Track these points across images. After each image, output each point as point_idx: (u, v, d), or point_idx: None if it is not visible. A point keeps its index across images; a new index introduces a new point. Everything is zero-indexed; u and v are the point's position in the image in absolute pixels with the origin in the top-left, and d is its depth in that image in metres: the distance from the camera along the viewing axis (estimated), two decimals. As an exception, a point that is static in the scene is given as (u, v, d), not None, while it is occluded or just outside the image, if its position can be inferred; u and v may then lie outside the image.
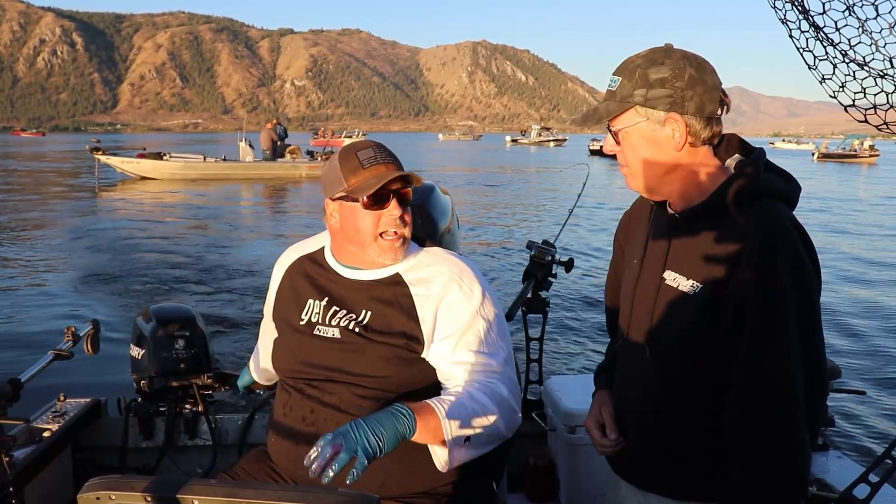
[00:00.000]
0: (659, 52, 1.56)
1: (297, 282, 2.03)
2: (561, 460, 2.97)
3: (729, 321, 1.48)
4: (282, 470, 1.98)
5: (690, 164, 1.58)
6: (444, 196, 2.75)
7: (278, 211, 21.84)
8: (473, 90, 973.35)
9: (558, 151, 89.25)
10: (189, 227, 16.85)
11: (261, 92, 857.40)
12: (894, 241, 17.36)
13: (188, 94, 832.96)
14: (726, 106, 1.57)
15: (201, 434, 2.94)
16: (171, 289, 10.27)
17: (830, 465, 2.33)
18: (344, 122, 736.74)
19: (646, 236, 1.74)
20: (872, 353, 8.04)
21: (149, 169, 28.65)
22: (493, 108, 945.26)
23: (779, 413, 1.44)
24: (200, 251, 13.51)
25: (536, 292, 3.02)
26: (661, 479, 1.67)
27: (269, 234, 16.54)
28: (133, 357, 2.86)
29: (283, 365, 2.02)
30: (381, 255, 1.88)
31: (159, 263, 12.10)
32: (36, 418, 2.74)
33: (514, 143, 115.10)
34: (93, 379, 5.38)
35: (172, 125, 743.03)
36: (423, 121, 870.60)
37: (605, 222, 17.64)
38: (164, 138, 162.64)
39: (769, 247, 1.45)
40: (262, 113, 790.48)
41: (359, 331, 1.88)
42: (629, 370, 1.76)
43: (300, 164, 29.77)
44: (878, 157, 65.73)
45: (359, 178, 1.84)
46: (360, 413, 1.78)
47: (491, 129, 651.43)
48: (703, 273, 1.53)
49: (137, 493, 1.15)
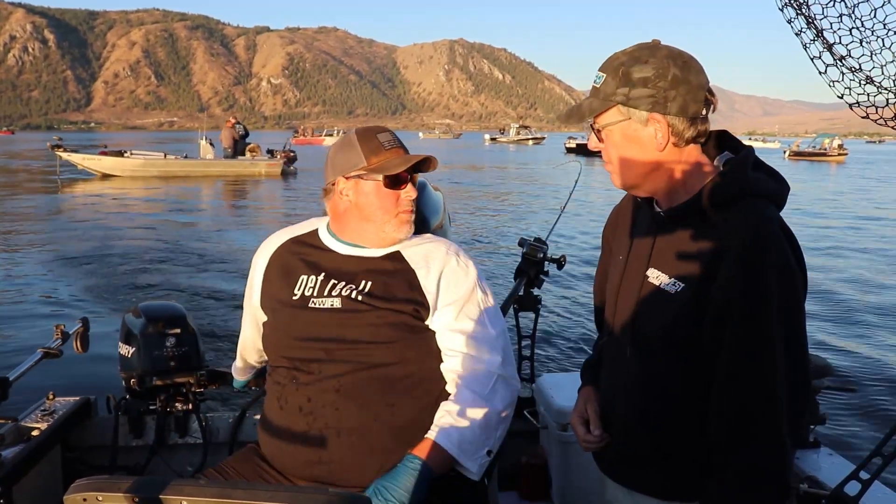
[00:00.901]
0: (644, 49, 1.54)
1: (287, 261, 2.03)
2: (553, 458, 2.97)
3: (712, 321, 1.47)
4: (277, 466, 1.95)
5: (675, 163, 1.57)
6: (435, 193, 2.76)
7: (240, 206, 22.21)
8: (450, 88, 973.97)
9: (537, 149, 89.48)
10: (153, 223, 17.07)
11: (237, 90, 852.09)
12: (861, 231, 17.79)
13: (163, 93, 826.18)
14: (712, 105, 1.56)
15: (192, 432, 2.93)
16: (137, 286, 10.28)
17: (822, 463, 2.33)
18: (321, 120, 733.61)
19: (631, 234, 1.74)
20: (863, 351, 7.99)
21: (110, 166, 28.94)
22: (471, 106, 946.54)
23: (762, 414, 1.43)
24: (168, 246, 13.63)
25: (528, 290, 3.02)
26: (646, 477, 1.67)
27: (235, 226, 16.95)
28: (122, 355, 2.84)
29: (276, 343, 1.98)
30: (398, 228, 1.95)
31: (127, 258, 12.20)
32: (24, 417, 2.72)
33: (492, 142, 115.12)
34: (78, 375, 5.39)
35: (148, 123, 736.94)
36: (400, 119, 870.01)
37: (585, 224, 17.90)
38: (138, 137, 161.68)
39: (754, 247, 1.43)
40: (239, 111, 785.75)
41: (361, 298, 1.89)
42: (614, 367, 1.76)
43: (259, 162, 30.42)
44: (846, 156, 66.93)
45: (381, 158, 1.91)
46: (361, 397, 1.83)
47: (468, 128, 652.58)
48: (686, 271, 1.52)
49: (125, 493, 1.15)
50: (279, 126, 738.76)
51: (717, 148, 1.63)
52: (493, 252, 13.87)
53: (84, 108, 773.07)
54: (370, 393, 1.83)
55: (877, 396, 6.61)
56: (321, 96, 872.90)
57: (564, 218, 3.33)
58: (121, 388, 2.89)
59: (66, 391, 2.96)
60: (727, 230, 1.47)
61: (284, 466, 1.93)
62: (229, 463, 2.06)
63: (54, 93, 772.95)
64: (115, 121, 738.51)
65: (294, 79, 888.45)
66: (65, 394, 2.93)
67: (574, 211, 18.75)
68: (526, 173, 40.22)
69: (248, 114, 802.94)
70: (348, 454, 1.81)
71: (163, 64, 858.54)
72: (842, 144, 70.07)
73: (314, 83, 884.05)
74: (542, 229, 3.32)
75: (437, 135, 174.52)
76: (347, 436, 1.82)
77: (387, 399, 1.84)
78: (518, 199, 25.45)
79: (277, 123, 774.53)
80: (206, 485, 1.20)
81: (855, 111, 1.64)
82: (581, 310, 9.10)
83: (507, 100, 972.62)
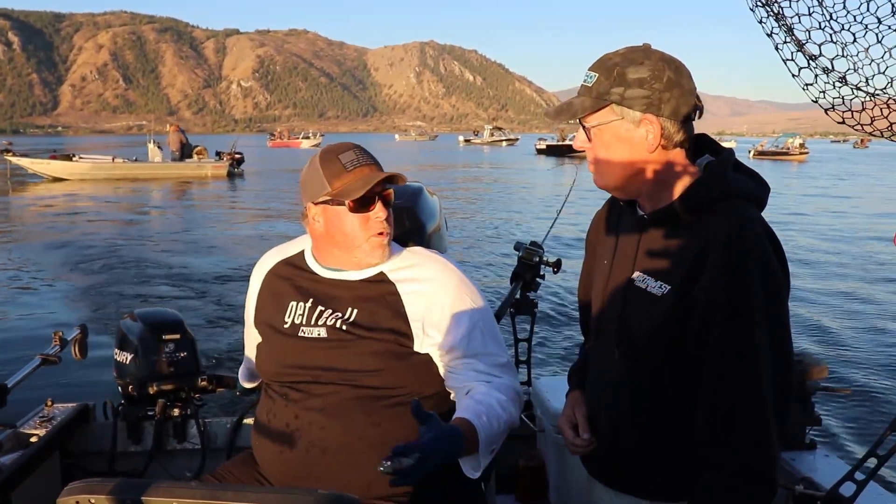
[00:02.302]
0: (638, 51, 1.55)
1: (277, 286, 2.02)
2: (550, 461, 2.97)
3: (698, 323, 1.48)
4: (267, 474, 1.97)
5: (661, 166, 1.57)
6: (431, 197, 2.78)
7: (188, 206, 23.37)
8: (421, 90, 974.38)
9: (511, 150, 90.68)
10: (108, 223, 17.98)
11: (207, 93, 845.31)
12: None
13: (132, 96, 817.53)
14: (700, 110, 1.57)
15: (190, 438, 2.94)
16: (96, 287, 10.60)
17: (817, 464, 2.34)
18: (292, 123, 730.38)
19: (615, 237, 1.73)
20: (858, 353, 8.17)
21: (59, 170, 30.10)
22: (442, 108, 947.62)
23: (749, 415, 1.45)
24: (116, 245, 14.33)
25: (525, 293, 3.04)
26: (634, 479, 1.68)
27: (180, 227, 17.83)
28: (119, 361, 2.84)
29: (267, 369, 2.00)
30: (370, 254, 1.88)
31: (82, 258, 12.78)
32: (23, 424, 2.73)
33: (467, 143, 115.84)
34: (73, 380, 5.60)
35: (116, 127, 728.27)
36: (371, 121, 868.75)
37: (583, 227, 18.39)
38: (107, 140, 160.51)
39: (738, 249, 1.45)
40: (209, 114, 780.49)
41: (346, 328, 1.87)
42: (601, 371, 1.76)
43: (205, 164, 31.86)
44: (807, 155, 68.84)
45: (343, 182, 1.83)
46: (346, 416, 1.83)
47: (440, 129, 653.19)
48: (671, 274, 1.53)
49: (117, 496, 1.14)
50: (250, 129, 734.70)
51: (698, 150, 1.65)
52: (471, 246, 14.28)
53: (51, 111, 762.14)
54: (355, 412, 1.83)
55: (871, 398, 6.75)
56: (292, 99, 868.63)
57: (560, 222, 3.44)
58: (118, 393, 2.91)
59: (63, 398, 3.00)
60: (710, 232, 1.48)
61: (275, 477, 1.94)
62: (227, 468, 2.07)
63: (20, 96, 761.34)
64: (83, 124, 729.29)
65: (264, 81, 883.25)
66: (62, 400, 2.96)
67: (570, 214, 19.30)
68: (502, 174, 41.25)
69: (219, 117, 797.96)
70: (334, 471, 1.82)
71: (131, 67, 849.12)
72: (803, 143, 72.17)
73: (285, 86, 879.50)
74: (535, 234, 3.39)
75: (414, 137, 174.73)
76: (333, 454, 1.82)
77: (372, 418, 1.83)
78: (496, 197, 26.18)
79: (248, 126, 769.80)
80: (197, 487, 1.19)
81: (830, 115, 1.66)
82: (577, 313, 9.29)
83: (479, 101, 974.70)
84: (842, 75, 1.62)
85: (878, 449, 1.83)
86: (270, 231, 17.12)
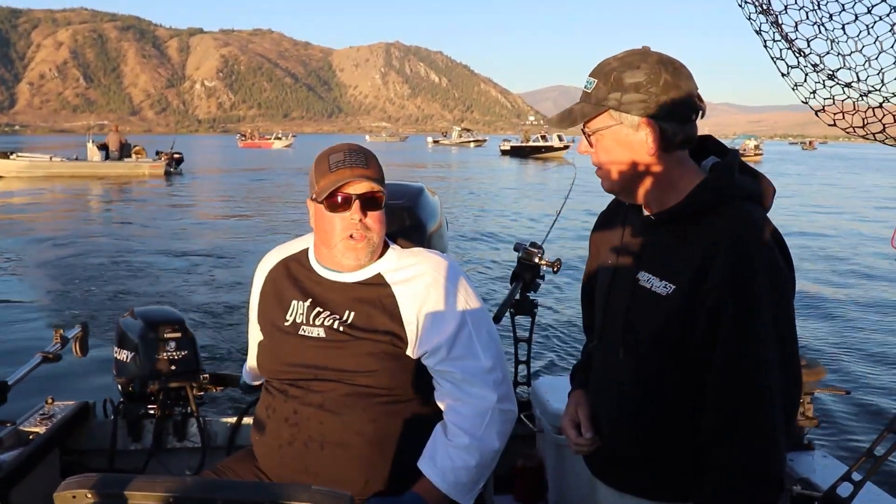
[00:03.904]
0: (635, 55, 1.55)
1: (281, 283, 2.04)
2: (549, 461, 2.96)
3: (704, 324, 1.48)
4: (266, 470, 1.99)
5: (664, 168, 1.57)
6: (432, 198, 2.79)
7: (126, 201, 24.27)
8: (387, 91, 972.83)
9: (479, 151, 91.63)
10: (43, 218, 18.68)
11: (170, 93, 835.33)
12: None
13: (93, 95, 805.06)
14: (701, 111, 1.57)
15: (190, 436, 2.94)
16: None
17: (815, 465, 2.36)
18: (256, 123, 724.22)
19: (620, 238, 1.74)
20: (856, 353, 8.17)
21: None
22: (407, 109, 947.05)
23: (756, 416, 1.45)
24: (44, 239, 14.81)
25: (525, 294, 3.04)
26: (637, 479, 1.68)
27: (118, 224, 18.50)
28: (118, 359, 2.84)
29: (268, 366, 2.03)
30: (344, 255, 1.89)
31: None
32: (23, 421, 2.73)
33: (435, 144, 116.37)
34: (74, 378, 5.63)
35: (76, 127, 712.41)
36: (336, 122, 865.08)
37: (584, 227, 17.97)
38: (66, 140, 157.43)
39: (744, 250, 1.45)
40: (172, 114, 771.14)
41: (343, 329, 1.90)
42: (604, 371, 1.76)
43: (143, 164, 32.75)
44: (762, 157, 71.36)
45: (326, 181, 1.85)
46: (344, 412, 1.86)
47: (405, 130, 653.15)
48: (677, 275, 1.53)
49: (114, 490, 1.15)
50: (214, 129, 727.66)
51: (703, 152, 1.65)
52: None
53: (7, 110, 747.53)
54: (353, 409, 1.86)
55: (869, 399, 6.78)
56: (256, 99, 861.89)
57: (560, 221, 3.46)
58: (118, 391, 2.92)
59: (64, 395, 2.99)
60: (716, 232, 1.48)
61: (274, 472, 1.96)
62: (226, 464, 2.09)
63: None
64: (42, 123, 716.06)
65: (229, 81, 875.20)
66: (64, 398, 2.96)
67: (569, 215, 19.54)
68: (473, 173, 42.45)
69: (182, 117, 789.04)
70: (332, 465, 1.85)
71: (92, 65, 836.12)
72: (758, 146, 75.15)
73: (249, 86, 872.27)
74: (536, 234, 3.31)
75: (384, 138, 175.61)
76: (331, 448, 1.85)
77: (369, 415, 1.86)
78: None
79: (212, 127, 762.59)
80: (194, 482, 1.21)
81: (821, 117, 1.64)
82: (577, 313, 8.59)
83: (444, 102, 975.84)
84: (832, 72, 1.60)
85: (875, 449, 1.82)
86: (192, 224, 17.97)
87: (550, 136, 73.07)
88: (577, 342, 8.00)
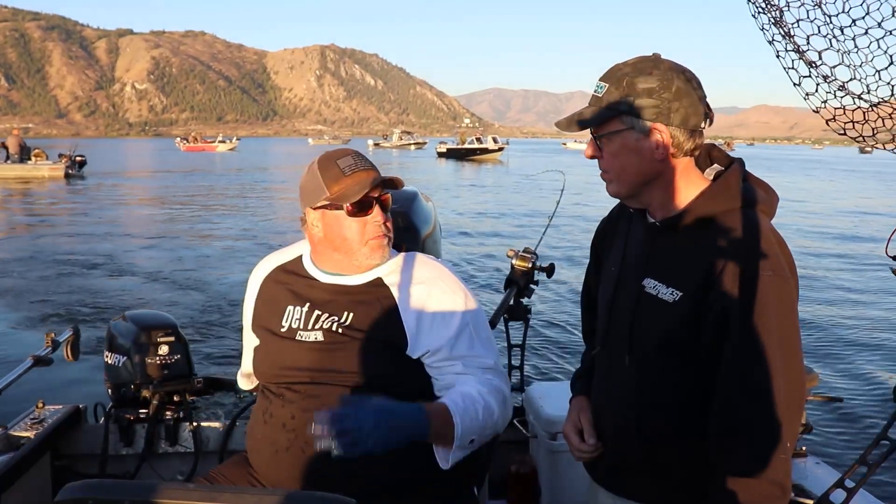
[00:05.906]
0: (647, 61, 1.55)
1: (275, 291, 2.04)
2: (543, 467, 2.95)
3: (711, 331, 1.49)
4: (261, 476, 1.97)
5: (671, 174, 1.58)
6: (426, 203, 2.80)
7: (27, 202, 25.50)
8: (322, 94, 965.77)
9: (418, 153, 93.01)
10: None
11: (99, 95, 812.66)
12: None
13: (16, 97, 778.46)
14: (710, 119, 1.57)
15: (182, 441, 2.90)
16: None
17: (808, 471, 2.36)
18: (189, 126, 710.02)
19: (624, 244, 1.73)
20: (849, 361, 8.34)
21: None
22: (343, 112, 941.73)
23: (762, 423, 1.45)
24: None
25: (518, 300, 3.03)
26: (640, 486, 1.67)
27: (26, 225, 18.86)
28: (109, 364, 2.82)
29: (264, 371, 2.01)
30: (370, 256, 1.90)
31: None
32: (13, 426, 2.69)
33: (376, 147, 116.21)
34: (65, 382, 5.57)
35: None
36: (271, 125, 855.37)
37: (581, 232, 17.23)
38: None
39: (749, 256, 1.46)
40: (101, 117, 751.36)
41: (342, 331, 1.89)
42: (608, 377, 1.75)
43: (41, 166, 33.69)
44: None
45: (341, 186, 1.85)
46: None
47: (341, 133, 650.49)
48: (683, 281, 1.53)
49: (116, 497, 1.14)
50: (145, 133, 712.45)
51: (708, 160, 1.66)
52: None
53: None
54: None
55: (862, 406, 6.88)
56: (189, 102, 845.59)
57: (553, 227, 3.34)
58: (108, 395, 2.89)
59: (54, 399, 2.95)
60: (722, 240, 1.50)
61: (270, 478, 1.94)
62: (220, 471, 2.08)
63: None
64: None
65: (160, 84, 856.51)
66: (54, 402, 2.92)
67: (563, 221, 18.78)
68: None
69: (112, 120, 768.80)
70: (330, 471, 1.82)
71: (14, 66, 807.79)
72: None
73: (182, 89, 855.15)
74: (529, 240, 3.43)
75: (327, 140, 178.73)
76: (328, 453, 1.80)
77: None
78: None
79: (143, 130, 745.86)
80: (195, 489, 1.20)
81: (832, 126, 1.66)
82: (570, 319, 9.31)
83: (380, 105, 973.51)
84: (842, 84, 1.61)
85: (868, 456, 1.83)
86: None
87: (485, 139, 75.84)
88: (571, 347, 8.27)
